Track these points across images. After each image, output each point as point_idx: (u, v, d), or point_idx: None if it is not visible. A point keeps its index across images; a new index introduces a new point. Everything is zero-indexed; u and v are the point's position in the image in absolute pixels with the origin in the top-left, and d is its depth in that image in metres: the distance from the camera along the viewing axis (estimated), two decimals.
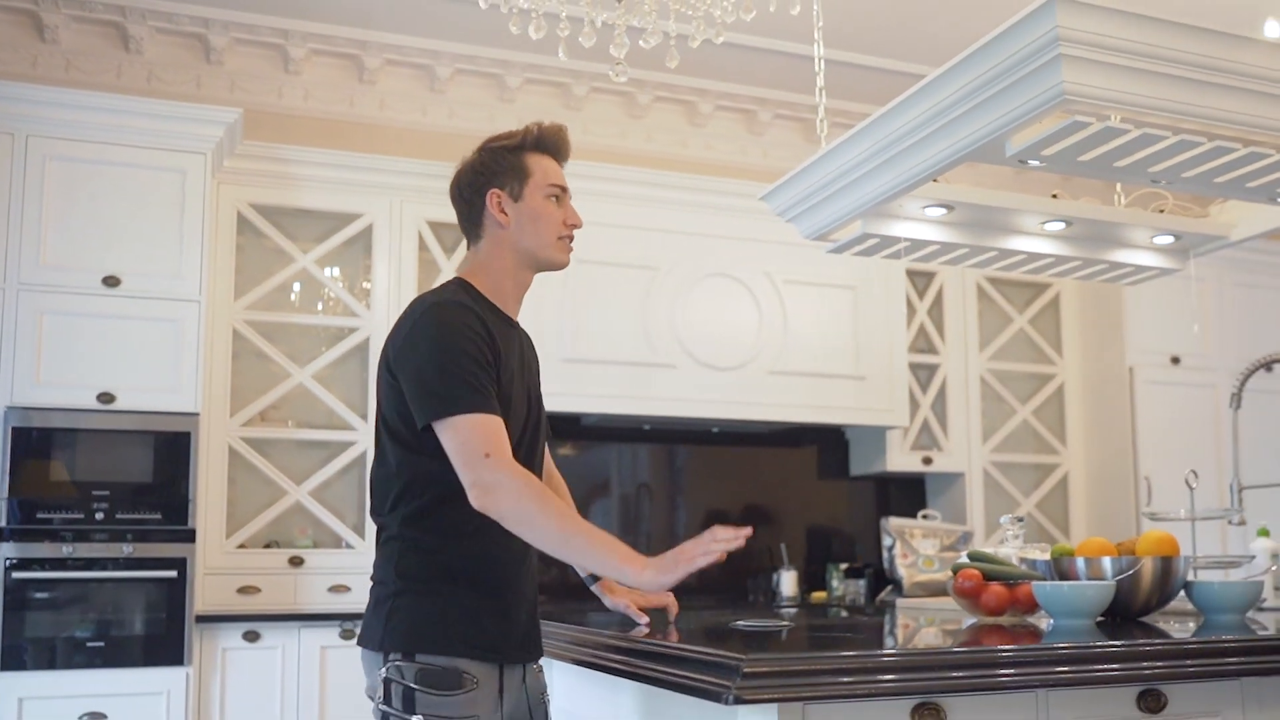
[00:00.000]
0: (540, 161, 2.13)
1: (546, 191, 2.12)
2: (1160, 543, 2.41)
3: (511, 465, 1.90)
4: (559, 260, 2.15)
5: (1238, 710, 2.02)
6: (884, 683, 1.69)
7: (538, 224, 2.10)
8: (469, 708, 1.92)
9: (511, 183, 2.10)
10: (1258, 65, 2.13)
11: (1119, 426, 5.36)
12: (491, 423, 1.92)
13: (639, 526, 5.10)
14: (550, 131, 2.16)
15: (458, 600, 1.96)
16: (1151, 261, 3.03)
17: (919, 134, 2.39)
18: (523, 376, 2.10)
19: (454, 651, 1.93)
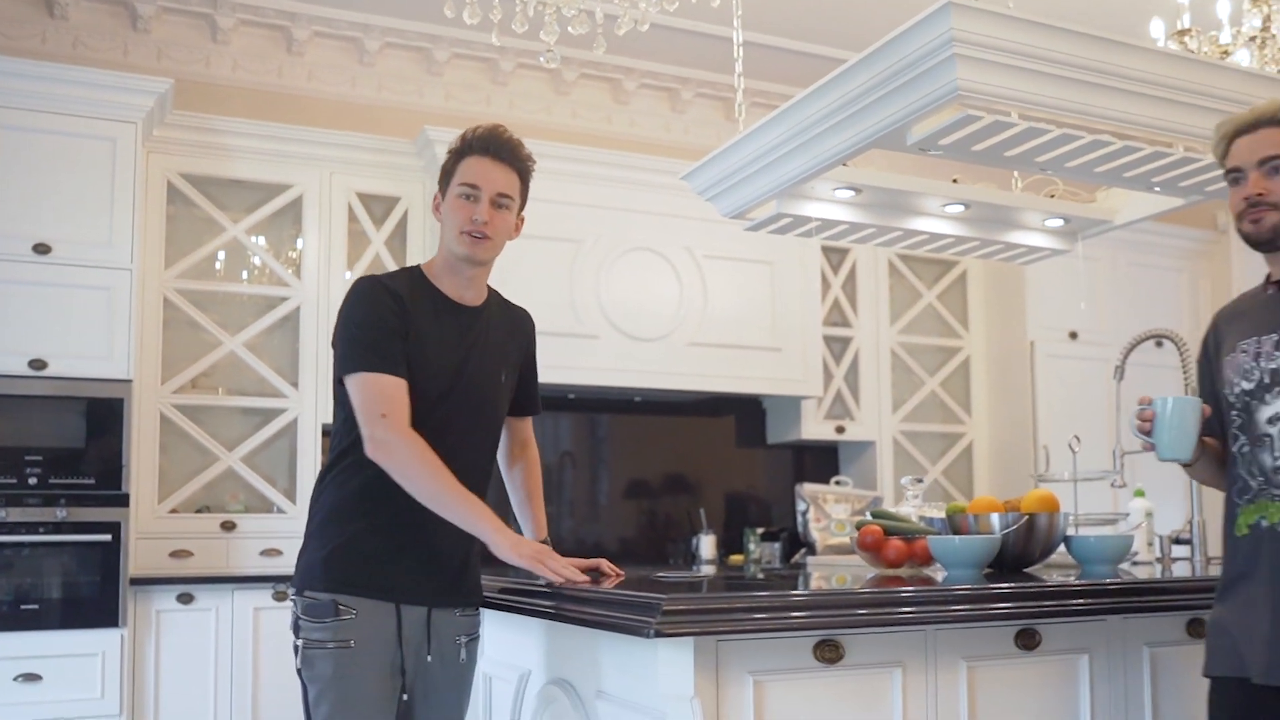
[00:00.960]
0: (467, 163, 2.30)
1: (459, 191, 2.29)
2: (1043, 501, 2.64)
3: (401, 426, 2.13)
4: (460, 253, 2.29)
5: (1103, 647, 2.26)
6: (790, 619, 1.87)
7: (448, 221, 2.30)
8: (341, 633, 2.16)
9: (443, 184, 2.34)
10: (1134, 68, 2.34)
11: (1020, 397, 5.66)
12: (388, 384, 2.16)
13: (562, 494, 5.26)
14: (482, 133, 2.33)
15: (353, 541, 2.21)
16: (1043, 243, 3.26)
17: (829, 122, 2.57)
18: (462, 353, 2.28)
19: (333, 589, 2.18)
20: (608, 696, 2.16)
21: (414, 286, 2.29)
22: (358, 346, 2.19)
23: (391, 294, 2.24)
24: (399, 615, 2.21)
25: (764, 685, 1.91)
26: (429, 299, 2.29)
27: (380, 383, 2.16)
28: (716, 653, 1.87)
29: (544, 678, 2.46)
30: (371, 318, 2.20)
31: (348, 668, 2.17)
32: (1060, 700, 2.21)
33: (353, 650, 2.17)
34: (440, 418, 2.24)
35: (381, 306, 2.21)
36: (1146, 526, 3.09)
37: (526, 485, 2.59)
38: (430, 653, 2.26)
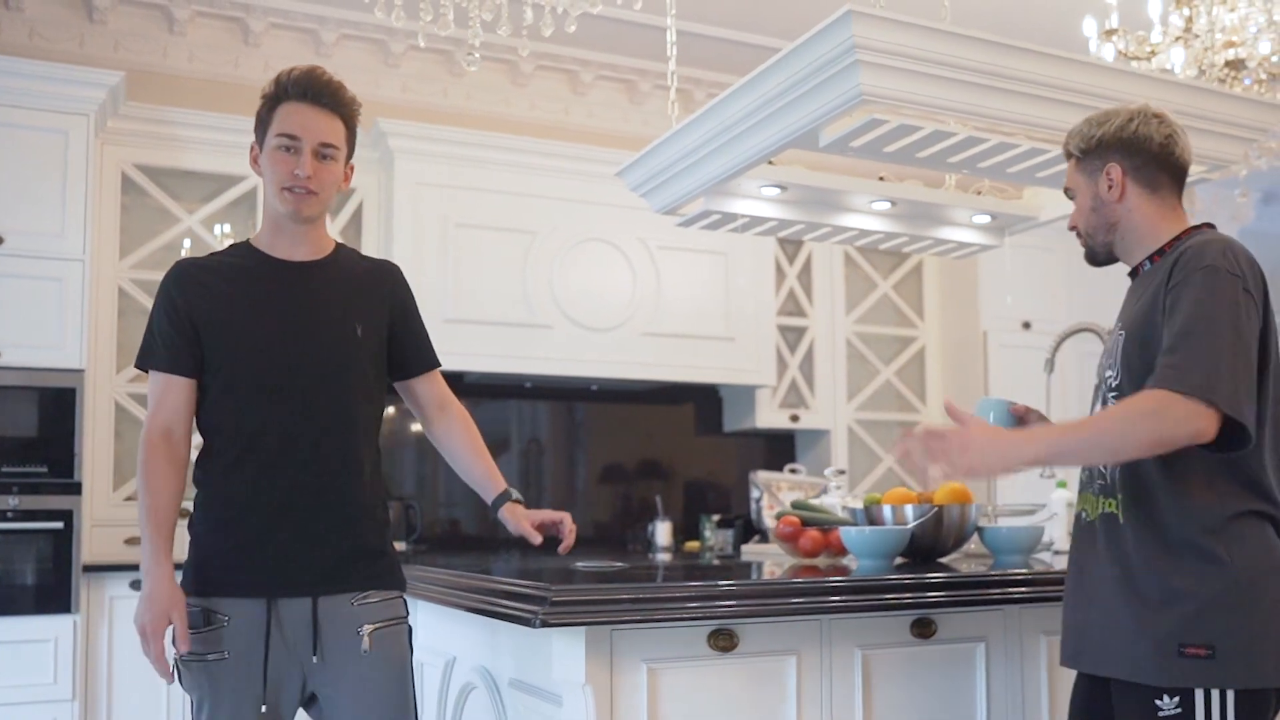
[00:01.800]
0: (284, 111, 2.09)
1: (276, 142, 2.08)
2: (955, 493, 2.71)
3: (146, 438, 2.06)
4: (283, 211, 2.10)
5: (999, 635, 2.33)
6: (684, 609, 1.95)
7: (267, 175, 2.10)
8: (214, 644, 2.01)
9: (259, 133, 2.13)
10: (1034, 72, 2.41)
11: (974, 386, 5.73)
12: (156, 382, 2.09)
13: (525, 479, 5.33)
14: (295, 79, 2.11)
15: (213, 543, 2.07)
16: (972, 238, 3.33)
17: (747, 122, 2.63)
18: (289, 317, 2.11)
19: (204, 592, 2.05)
20: (519, 684, 2.24)
21: (234, 254, 2.16)
22: (145, 342, 2.12)
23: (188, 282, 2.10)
24: (269, 612, 2.03)
25: (658, 673, 1.98)
26: (254, 267, 2.13)
27: (155, 382, 2.08)
28: (611, 641, 1.94)
29: (466, 665, 2.53)
30: (158, 313, 2.10)
31: (225, 680, 2.01)
32: (956, 688, 2.29)
33: (228, 662, 2.01)
34: (273, 385, 2.07)
35: (169, 299, 2.09)
36: (1067, 516, 3.16)
37: (459, 444, 2.33)
38: (317, 651, 2.05)
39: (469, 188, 4.79)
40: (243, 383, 2.07)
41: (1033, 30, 5.14)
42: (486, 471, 2.32)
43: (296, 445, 2.07)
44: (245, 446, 2.07)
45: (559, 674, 1.94)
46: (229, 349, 2.07)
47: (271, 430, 2.06)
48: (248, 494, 2.06)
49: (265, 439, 2.06)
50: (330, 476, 2.10)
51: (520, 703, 2.21)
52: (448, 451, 2.36)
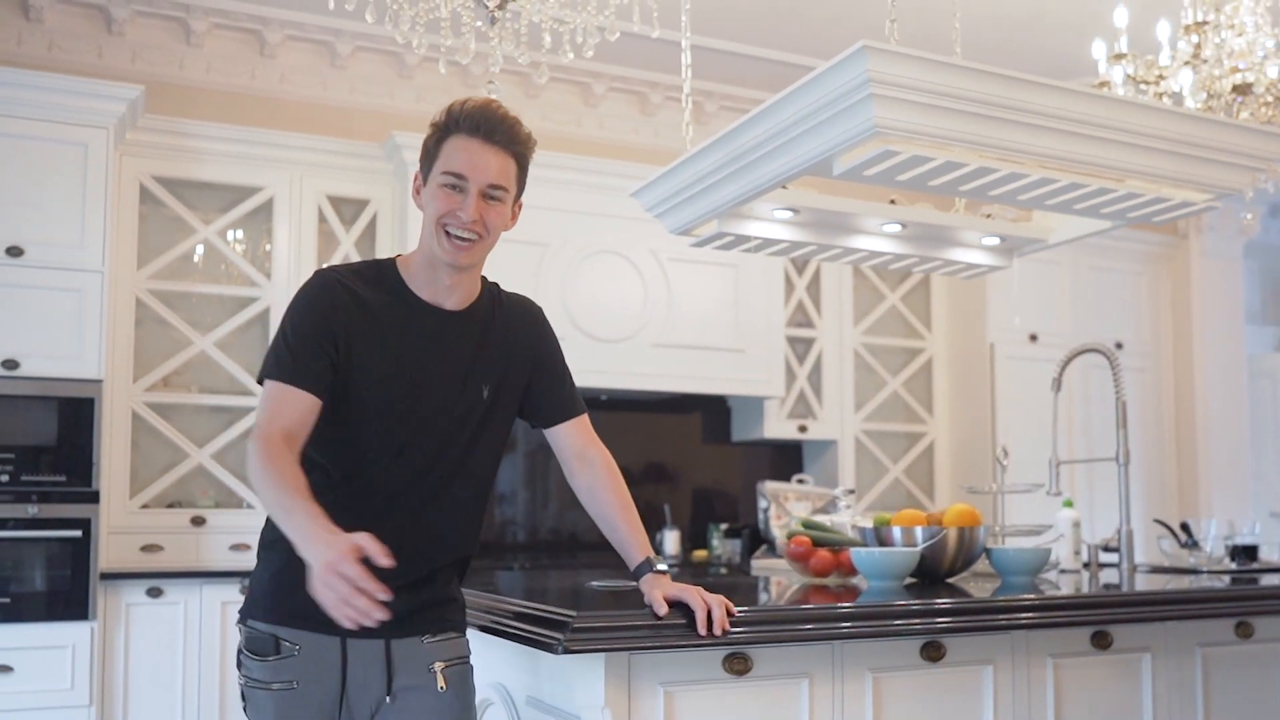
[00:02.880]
0: (458, 146, 1.95)
1: (441, 180, 1.95)
2: (963, 515, 2.75)
3: (264, 436, 1.85)
4: (441, 256, 1.97)
5: (1007, 658, 2.38)
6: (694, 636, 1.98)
7: (427, 212, 1.98)
8: (282, 673, 1.94)
9: (425, 168, 2.00)
10: (1043, 104, 2.45)
11: (980, 398, 5.78)
12: (281, 393, 1.89)
13: (532, 486, 5.38)
14: (470, 110, 1.96)
15: (291, 568, 1.83)
16: (981, 260, 3.37)
17: (762, 150, 2.67)
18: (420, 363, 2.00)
19: (273, 619, 1.96)
20: (535, 703, 2.28)
21: (382, 287, 2.01)
22: (276, 349, 1.95)
23: (338, 299, 1.96)
24: (344, 651, 1.96)
25: (675, 696, 2.03)
26: (398, 303, 2.00)
27: (275, 392, 1.90)
28: (629, 665, 1.99)
29: (482, 681, 2.57)
30: (302, 321, 1.94)
31: (292, 712, 1.95)
32: (965, 710, 2.33)
33: (297, 691, 1.94)
34: (391, 427, 1.96)
35: (316, 311, 1.94)
36: (1073, 536, 3.20)
37: (603, 504, 2.21)
38: (391, 691, 1.99)
39: None
40: (369, 424, 1.96)
41: (1042, 53, 5.22)
42: (631, 536, 2.16)
43: (405, 501, 1.99)
44: (353, 489, 1.97)
45: (579, 698, 1.99)
46: (364, 385, 1.95)
47: (385, 479, 1.97)
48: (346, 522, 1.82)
49: (376, 487, 1.96)
50: (432, 536, 2.02)
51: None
52: (590, 508, 2.24)
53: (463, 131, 1.94)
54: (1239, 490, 6.21)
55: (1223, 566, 3.32)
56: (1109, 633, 2.51)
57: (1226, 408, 6.20)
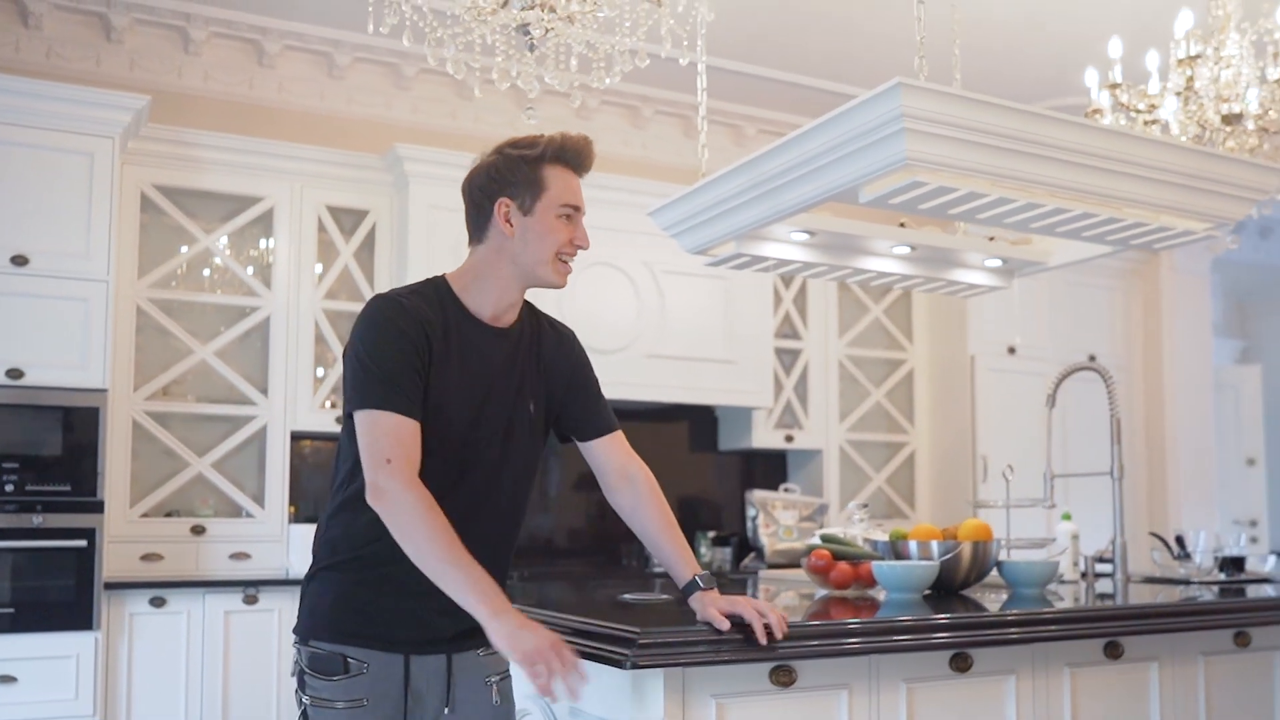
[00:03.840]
0: (559, 175, 2.06)
1: (559, 210, 2.05)
2: (977, 530, 2.87)
3: (406, 476, 1.90)
4: (553, 281, 2.09)
5: (1028, 668, 2.49)
6: (749, 653, 2.07)
7: (543, 241, 2.04)
8: (352, 691, 1.98)
9: (524, 195, 2.04)
10: (1061, 138, 2.56)
11: (961, 409, 5.92)
12: (400, 425, 1.92)
13: None
14: (574, 143, 2.08)
15: (358, 589, 1.99)
16: (983, 280, 3.49)
17: (787, 176, 2.77)
18: (483, 382, 2.06)
19: (340, 639, 1.99)
20: (581, 714, 2.36)
21: (443, 307, 2.04)
22: (371, 379, 1.95)
23: (416, 320, 1.99)
24: (407, 667, 2.02)
25: (725, 707, 2.12)
26: (459, 322, 2.04)
27: (390, 423, 1.92)
28: (684, 678, 2.07)
29: (518, 692, 2.64)
30: (389, 348, 1.96)
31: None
32: (990, 718, 2.44)
33: (366, 709, 1.99)
34: (453, 448, 2.02)
35: (403, 336, 1.97)
36: (1072, 548, 3.33)
37: (647, 523, 2.22)
38: (450, 704, 2.06)
39: None
40: (437, 443, 1.99)
41: (1037, 79, 5.38)
42: (676, 553, 2.17)
43: (469, 516, 2.01)
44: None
45: (636, 710, 2.07)
46: (440, 406, 2.00)
47: (451, 497, 1.98)
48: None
49: (450, 505, 1.96)
50: (490, 549, 2.04)
51: None
52: (634, 525, 2.25)
53: (569, 165, 2.08)
54: (1206, 499, 6.41)
55: (1212, 577, 3.46)
56: (1120, 643, 2.63)
57: (1194, 419, 6.40)
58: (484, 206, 2.07)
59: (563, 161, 2.07)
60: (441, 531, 1.87)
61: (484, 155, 2.12)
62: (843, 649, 2.17)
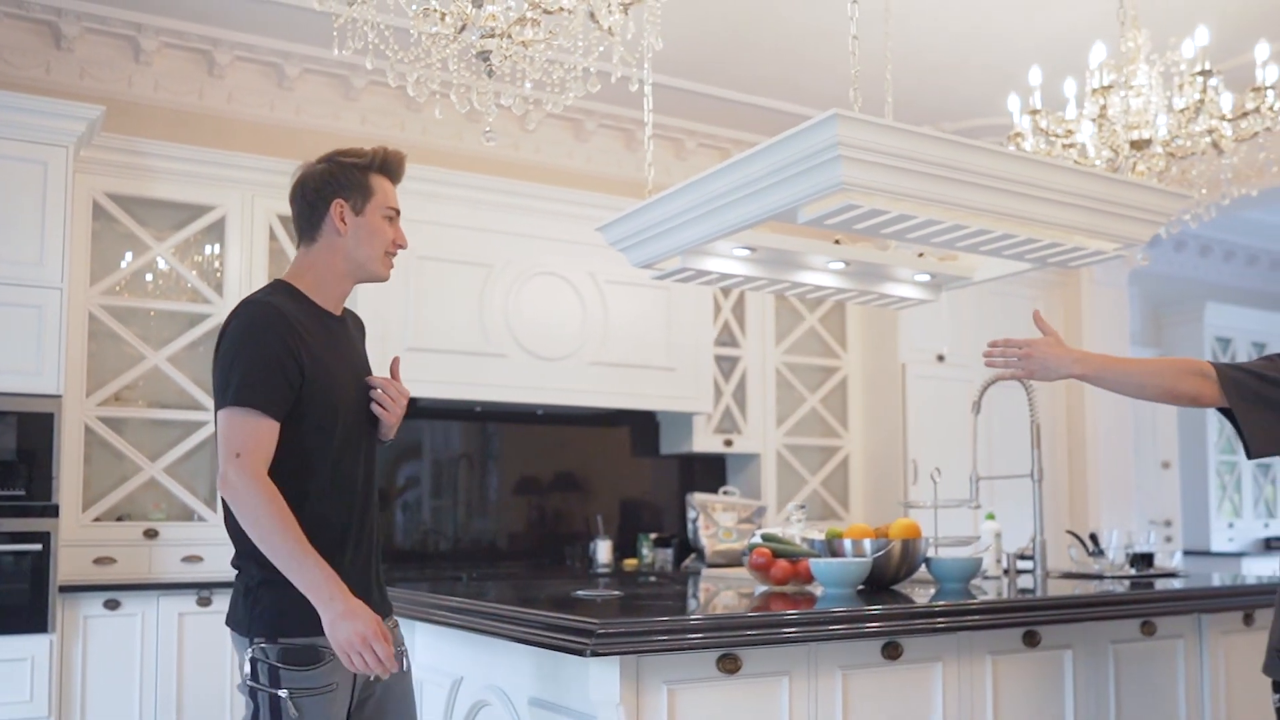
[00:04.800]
0: (382, 183, 2.35)
1: (384, 212, 2.34)
2: (907, 528, 3.07)
3: (254, 469, 2.10)
4: (381, 274, 2.38)
5: (954, 656, 2.69)
6: (696, 640, 2.25)
7: (372, 239, 2.32)
8: (328, 677, 2.17)
9: (355, 197, 2.31)
10: (983, 165, 2.77)
11: (892, 414, 6.16)
12: (255, 422, 2.13)
13: (470, 495, 5.57)
14: (395, 157, 2.40)
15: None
16: (913, 294, 3.70)
17: (731, 197, 2.95)
18: (348, 362, 2.33)
19: (311, 632, 2.15)
20: (541, 703, 2.51)
21: (297, 306, 2.28)
22: (233, 379, 2.15)
23: (288, 322, 2.20)
24: None
25: (676, 693, 2.28)
26: (312, 316, 2.29)
27: (244, 420, 2.13)
28: (638, 666, 2.24)
29: (477, 684, 2.79)
30: (255, 351, 2.16)
31: (336, 709, 2.20)
32: (919, 701, 2.64)
33: (338, 691, 2.19)
34: (352, 433, 2.29)
35: (273, 340, 2.17)
36: (995, 546, 3.54)
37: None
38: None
39: (430, 222, 5.02)
40: (333, 429, 2.24)
41: (964, 104, 5.65)
42: None
43: (360, 484, 2.30)
44: (327, 487, 2.24)
45: (596, 695, 2.23)
46: (322, 396, 2.22)
47: (351, 470, 2.28)
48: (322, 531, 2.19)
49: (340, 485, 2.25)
50: (371, 520, 2.34)
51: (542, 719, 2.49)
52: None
53: (389, 174, 2.38)
54: (1125, 500, 6.71)
55: (1124, 572, 3.70)
56: (1037, 632, 2.85)
57: (1112, 424, 6.70)
58: (318, 207, 2.32)
59: (386, 172, 2.37)
60: (284, 523, 2.10)
61: (310, 163, 2.38)
62: (783, 638, 2.36)
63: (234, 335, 2.20)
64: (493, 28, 2.89)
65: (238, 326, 2.20)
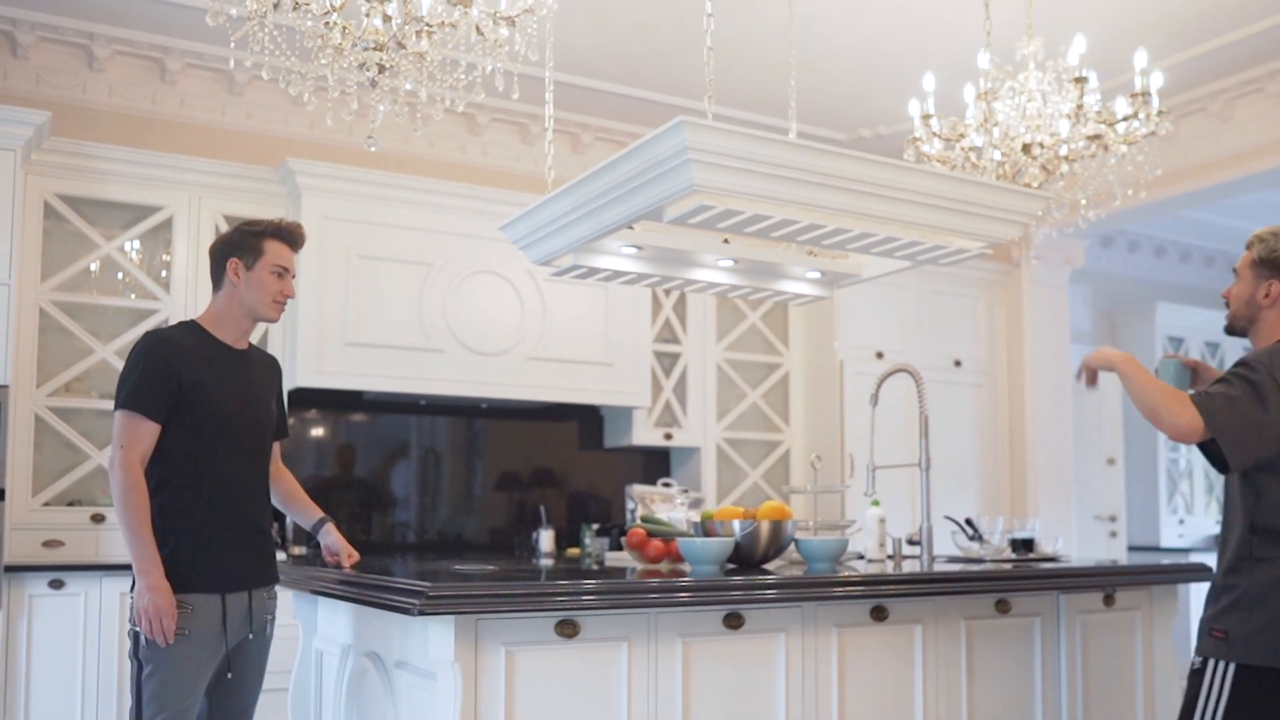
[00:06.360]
0: (274, 245, 2.95)
1: (272, 269, 2.95)
2: (775, 510, 3.25)
3: (130, 461, 2.73)
4: (269, 316, 2.98)
5: (798, 628, 2.87)
6: (533, 603, 2.44)
7: (259, 290, 2.94)
8: (181, 624, 2.73)
9: (247, 257, 2.94)
10: (828, 167, 2.94)
11: (831, 409, 6.34)
12: (136, 422, 2.76)
13: (422, 488, 5.78)
14: (289, 227, 3.01)
15: (179, 547, 2.78)
16: (806, 290, 3.89)
17: (606, 198, 3.14)
18: (240, 389, 2.93)
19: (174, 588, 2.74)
20: (403, 665, 2.71)
21: (196, 339, 2.91)
22: (125, 388, 2.80)
23: (174, 348, 2.83)
24: (224, 605, 2.81)
25: (514, 654, 2.48)
26: (209, 348, 2.92)
27: (133, 421, 2.76)
28: (476, 628, 2.43)
29: (360, 650, 2.99)
30: (147, 370, 2.78)
31: (180, 649, 2.73)
32: (761, 671, 2.82)
33: (188, 636, 2.74)
34: (231, 437, 2.88)
35: (158, 361, 2.79)
36: (878, 530, 3.73)
37: (290, 489, 3.24)
38: (251, 630, 2.90)
39: (370, 222, 5.23)
40: (210, 432, 2.85)
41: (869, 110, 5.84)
42: (307, 507, 3.23)
43: (241, 479, 2.92)
44: (205, 479, 2.83)
45: (433, 654, 2.43)
46: (202, 406, 2.83)
47: (232, 469, 2.89)
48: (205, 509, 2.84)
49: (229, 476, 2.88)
50: (259, 501, 2.99)
51: (404, 680, 2.69)
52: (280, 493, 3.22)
53: (283, 239, 2.98)
54: (1063, 494, 6.88)
55: (1004, 556, 3.88)
56: (885, 607, 3.03)
57: (1052, 421, 6.87)
58: (221, 264, 2.97)
59: (279, 237, 2.98)
60: (136, 505, 2.73)
61: (224, 231, 3.20)
62: (618, 603, 2.55)
63: (132, 355, 2.84)
64: (380, 41, 3.08)
65: (136, 349, 2.85)
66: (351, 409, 5.57)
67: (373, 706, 2.90)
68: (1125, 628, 3.54)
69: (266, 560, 2.97)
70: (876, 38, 5.13)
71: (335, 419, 5.59)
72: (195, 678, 2.76)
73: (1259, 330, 2.76)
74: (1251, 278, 2.75)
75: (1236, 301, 2.79)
